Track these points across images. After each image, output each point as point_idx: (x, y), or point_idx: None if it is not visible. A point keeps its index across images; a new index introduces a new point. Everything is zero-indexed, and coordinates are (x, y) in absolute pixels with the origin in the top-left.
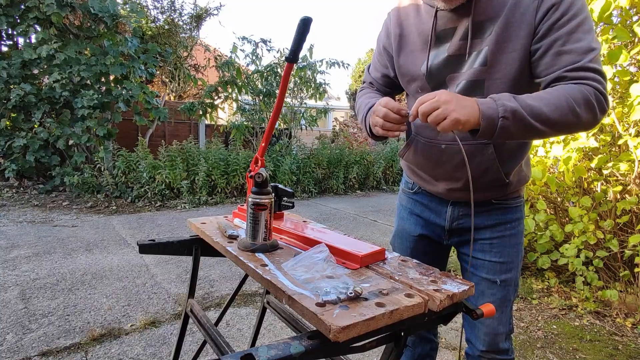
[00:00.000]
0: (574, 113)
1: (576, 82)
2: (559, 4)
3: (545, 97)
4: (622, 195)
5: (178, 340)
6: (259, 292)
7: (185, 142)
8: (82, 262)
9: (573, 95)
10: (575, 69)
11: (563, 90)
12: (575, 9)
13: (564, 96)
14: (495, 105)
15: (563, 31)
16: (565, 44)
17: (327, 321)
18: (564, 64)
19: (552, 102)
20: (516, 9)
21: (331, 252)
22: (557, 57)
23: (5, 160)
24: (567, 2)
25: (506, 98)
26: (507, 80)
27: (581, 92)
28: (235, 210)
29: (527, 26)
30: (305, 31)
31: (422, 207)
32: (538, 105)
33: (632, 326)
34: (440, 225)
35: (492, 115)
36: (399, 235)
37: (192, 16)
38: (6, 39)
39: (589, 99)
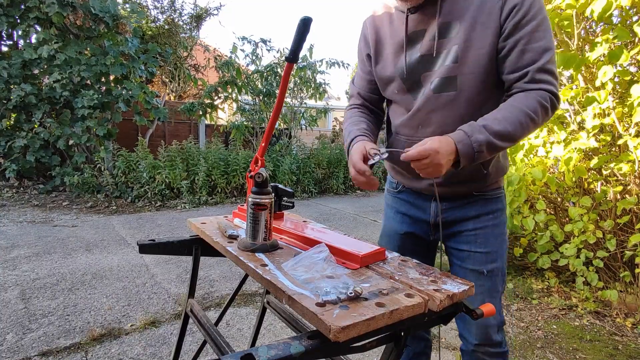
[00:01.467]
0: (534, 122)
1: (534, 86)
2: (521, 5)
3: (509, 116)
4: (622, 195)
5: (178, 340)
6: (259, 292)
7: (185, 142)
8: (82, 262)
9: (531, 107)
10: (535, 70)
11: (523, 104)
12: (535, 10)
13: (523, 112)
14: (470, 142)
15: (526, 30)
16: (527, 42)
17: (327, 321)
18: (526, 62)
19: (515, 120)
20: (482, 9)
21: (331, 252)
22: (520, 56)
23: (5, 160)
24: (527, 3)
25: (477, 130)
26: (477, 75)
27: (537, 100)
28: (235, 210)
29: (493, 24)
30: (305, 31)
31: (408, 205)
32: (504, 127)
33: (632, 326)
34: (425, 221)
35: (468, 152)
36: (386, 234)
37: (192, 16)
38: (6, 39)
39: (544, 104)
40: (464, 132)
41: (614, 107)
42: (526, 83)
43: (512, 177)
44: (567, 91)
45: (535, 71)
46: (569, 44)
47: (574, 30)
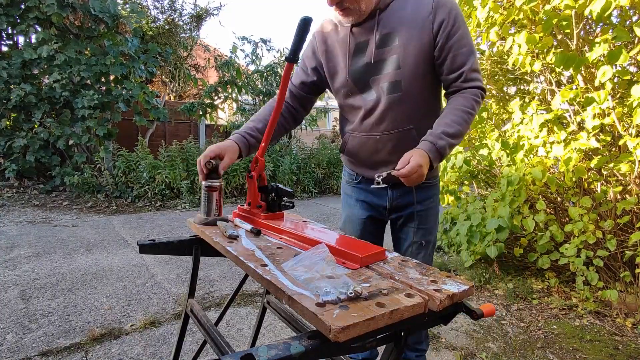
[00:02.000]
0: (472, 116)
1: (468, 85)
2: (447, 19)
3: (456, 119)
4: (622, 195)
5: (178, 340)
6: (259, 292)
7: (186, 142)
8: (82, 262)
9: (469, 105)
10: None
11: (464, 103)
12: (459, 21)
13: (465, 111)
14: (436, 149)
15: (454, 39)
16: (457, 49)
17: (327, 321)
18: (458, 65)
19: (461, 120)
20: (415, 22)
21: (331, 252)
22: (453, 60)
23: (5, 160)
24: (452, 16)
25: (438, 137)
26: (416, 77)
27: (472, 98)
28: (235, 211)
29: (427, 36)
30: (305, 31)
31: (366, 193)
32: (456, 129)
33: (632, 326)
34: (382, 206)
35: (437, 157)
36: (349, 220)
37: (192, 16)
38: (6, 39)
39: (477, 100)
40: (430, 142)
41: (613, 107)
42: (462, 82)
43: (512, 177)
44: (566, 92)
45: (468, 71)
46: (569, 44)
47: (573, 30)
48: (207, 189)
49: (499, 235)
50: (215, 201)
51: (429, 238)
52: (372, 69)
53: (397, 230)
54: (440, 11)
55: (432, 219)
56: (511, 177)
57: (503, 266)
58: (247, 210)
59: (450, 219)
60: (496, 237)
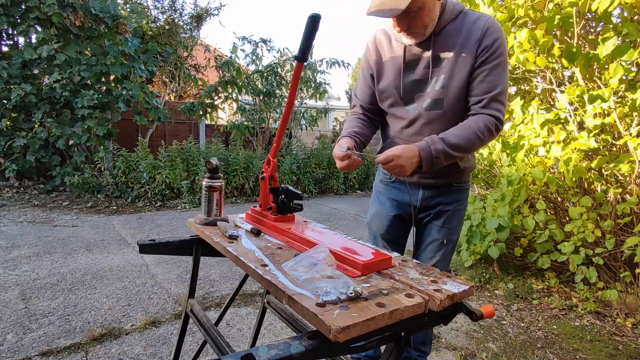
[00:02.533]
0: (480, 140)
1: (486, 111)
2: (490, 46)
3: (463, 133)
4: (623, 195)
5: (178, 340)
6: (259, 292)
7: (186, 142)
8: (82, 262)
9: (480, 128)
10: (489, 98)
11: (475, 125)
12: (499, 52)
13: (474, 132)
14: (430, 150)
15: (487, 66)
16: (486, 75)
17: (327, 321)
18: (483, 90)
19: (467, 137)
20: (464, 46)
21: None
22: (479, 85)
23: (5, 160)
24: (495, 46)
25: (437, 141)
26: (457, 98)
27: (485, 124)
28: (248, 212)
29: (470, 60)
30: (314, 29)
31: (398, 192)
32: (457, 141)
33: (632, 326)
34: (410, 205)
35: (428, 158)
36: (378, 216)
37: (192, 16)
38: (6, 39)
39: (490, 128)
40: (426, 142)
41: (615, 107)
42: (481, 107)
43: (512, 177)
44: (572, 89)
45: (490, 99)
46: (569, 43)
47: (575, 28)
48: (207, 189)
49: (499, 235)
50: (215, 201)
51: (451, 238)
52: (420, 86)
53: (422, 227)
54: (487, 38)
55: (457, 221)
56: (511, 177)
57: (503, 266)
58: (258, 212)
59: None
60: (496, 237)
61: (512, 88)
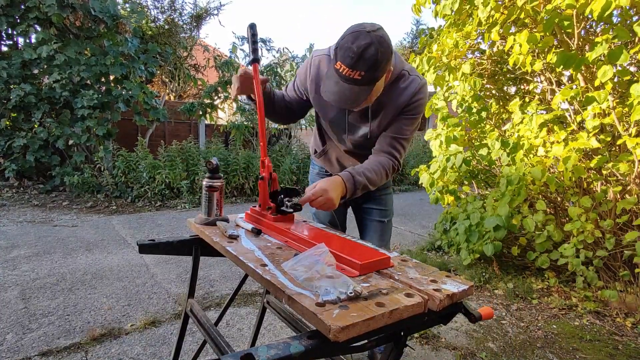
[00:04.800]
0: (387, 175)
1: (388, 155)
2: (412, 109)
3: (375, 169)
4: (622, 195)
5: (178, 340)
6: (259, 292)
7: (185, 142)
8: (82, 262)
9: (387, 166)
10: (391, 144)
11: (385, 164)
12: (416, 112)
13: (384, 168)
14: (354, 181)
15: (403, 118)
16: (399, 124)
17: (327, 321)
18: (391, 133)
19: (378, 173)
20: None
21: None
22: (391, 128)
23: (5, 160)
24: (416, 108)
25: (359, 174)
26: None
27: (388, 164)
28: (247, 212)
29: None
30: (254, 34)
31: None
32: (373, 177)
33: (632, 326)
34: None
35: (351, 189)
36: None
37: (192, 16)
38: (6, 39)
39: (392, 166)
40: (350, 174)
41: (613, 107)
42: (384, 153)
43: (511, 177)
44: (567, 91)
45: (390, 145)
46: (569, 44)
47: (574, 30)
48: (207, 189)
49: (496, 233)
50: (216, 201)
51: (389, 218)
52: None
53: (361, 210)
54: (413, 103)
55: (390, 202)
56: (511, 176)
57: (503, 266)
58: (257, 212)
59: (450, 218)
60: (494, 235)
61: (512, 88)
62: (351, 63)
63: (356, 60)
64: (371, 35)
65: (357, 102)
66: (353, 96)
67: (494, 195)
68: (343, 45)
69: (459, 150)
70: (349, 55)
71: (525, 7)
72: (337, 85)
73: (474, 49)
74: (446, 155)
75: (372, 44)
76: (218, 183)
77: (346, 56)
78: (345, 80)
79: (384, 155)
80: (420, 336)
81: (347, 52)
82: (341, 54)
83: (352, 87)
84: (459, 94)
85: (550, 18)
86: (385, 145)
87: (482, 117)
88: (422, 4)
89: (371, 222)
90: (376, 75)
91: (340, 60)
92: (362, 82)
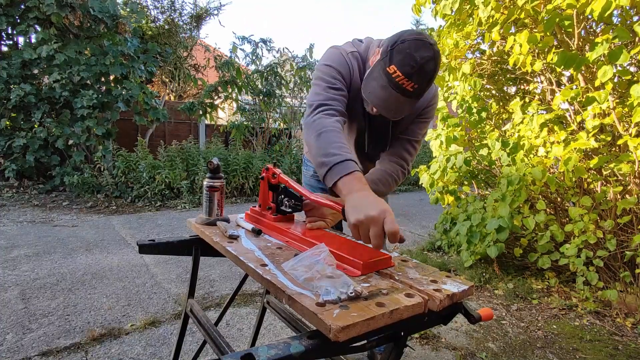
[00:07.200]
0: (397, 183)
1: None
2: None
3: (382, 179)
4: (622, 195)
5: (178, 340)
6: (259, 292)
7: (185, 142)
8: (82, 262)
9: (396, 173)
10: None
11: (393, 171)
12: (429, 115)
13: (392, 177)
14: None
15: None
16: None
17: (327, 321)
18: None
19: (385, 183)
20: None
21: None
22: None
23: (5, 160)
24: (430, 112)
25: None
26: None
27: (396, 171)
28: (247, 212)
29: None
30: None
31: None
32: (377, 188)
33: (632, 326)
34: None
35: None
36: None
37: (192, 16)
38: (6, 39)
39: (400, 172)
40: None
41: (614, 107)
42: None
43: (512, 177)
44: (567, 91)
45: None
46: (569, 44)
47: (575, 30)
48: (208, 189)
49: (499, 235)
50: (216, 201)
51: None
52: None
53: None
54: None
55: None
56: (511, 177)
57: (503, 266)
58: (257, 211)
59: (450, 219)
60: (496, 237)
61: (512, 88)
62: (410, 72)
63: (416, 71)
64: (434, 48)
65: (401, 114)
66: (399, 106)
67: (494, 195)
68: (403, 50)
69: (459, 150)
70: (409, 64)
71: (525, 7)
72: (385, 91)
73: (474, 49)
74: (446, 156)
75: (433, 59)
76: (219, 183)
77: (405, 63)
78: (396, 87)
79: (394, 161)
80: (420, 336)
81: (408, 59)
82: (399, 59)
83: (399, 96)
84: (459, 94)
85: (551, 18)
86: (398, 149)
87: (482, 118)
88: (422, 3)
89: None
90: (425, 90)
91: (396, 65)
92: (412, 94)
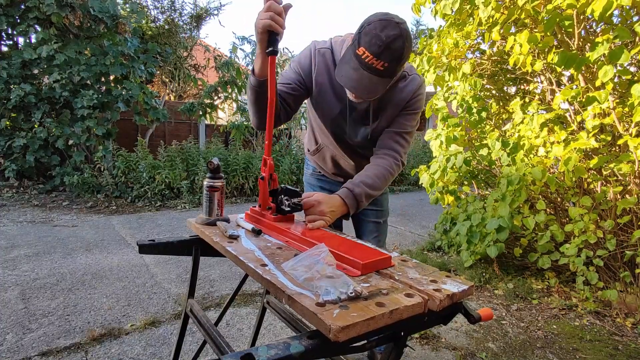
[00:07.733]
0: (391, 175)
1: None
2: (412, 105)
3: (376, 173)
4: (622, 195)
5: (178, 340)
6: (259, 292)
7: (185, 142)
8: (82, 262)
9: (389, 166)
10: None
11: (387, 164)
12: (416, 107)
13: (387, 170)
14: (353, 195)
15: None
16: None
17: (327, 321)
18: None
19: (381, 176)
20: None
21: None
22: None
23: (5, 160)
24: (416, 105)
25: (357, 185)
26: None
27: (390, 163)
28: (247, 212)
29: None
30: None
31: (329, 183)
32: (374, 182)
33: (632, 326)
34: None
35: (353, 204)
36: None
37: (192, 16)
38: (6, 39)
39: (394, 164)
40: (348, 189)
41: (614, 107)
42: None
43: (512, 177)
44: (567, 91)
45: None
46: (569, 44)
47: (575, 30)
48: (208, 189)
49: (499, 235)
50: (216, 201)
51: (385, 218)
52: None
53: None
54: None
55: (386, 203)
56: (511, 177)
57: (503, 266)
58: (257, 212)
59: (450, 219)
60: (496, 237)
61: (512, 88)
62: (377, 52)
63: (383, 50)
64: (400, 27)
65: (375, 93)
66: (372, 86)
67: (494, 195)
68: (370, 32)
69: (459, 150)
70: (375, 43)
71: (525, 7)
72: (357, 72)
73: (474, 49)
74: (446, 156)
75: (400, 37)
76: (219, 183)
77: (372, 43)
78: (367, 68)
79: (386, 154)
80: (420, 336)
81: (374, 39)
82: (367, 40)
83: (371, 76)
84: (459, 94)
85: (551, 18)
86: (388, 142)
87: (482, 118)
88: (422, 3)
89: (367, 223)
90: (397, 69)
91: (364, 46)
92: (384, 73)
